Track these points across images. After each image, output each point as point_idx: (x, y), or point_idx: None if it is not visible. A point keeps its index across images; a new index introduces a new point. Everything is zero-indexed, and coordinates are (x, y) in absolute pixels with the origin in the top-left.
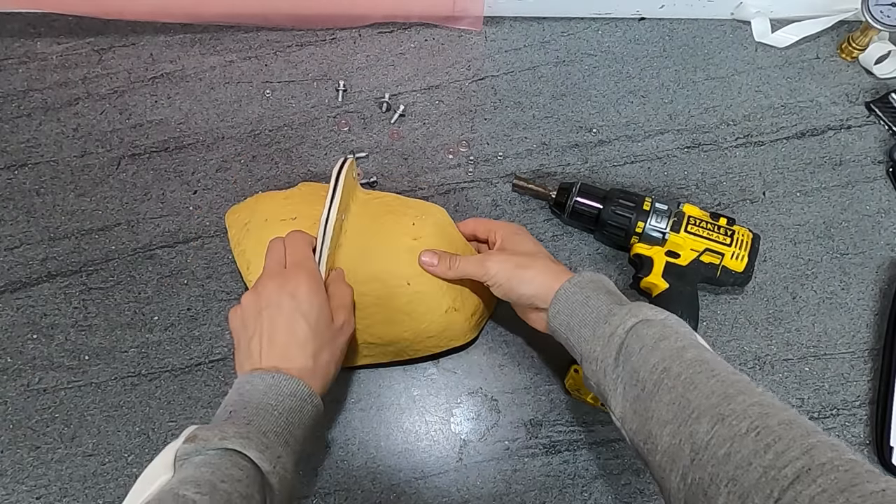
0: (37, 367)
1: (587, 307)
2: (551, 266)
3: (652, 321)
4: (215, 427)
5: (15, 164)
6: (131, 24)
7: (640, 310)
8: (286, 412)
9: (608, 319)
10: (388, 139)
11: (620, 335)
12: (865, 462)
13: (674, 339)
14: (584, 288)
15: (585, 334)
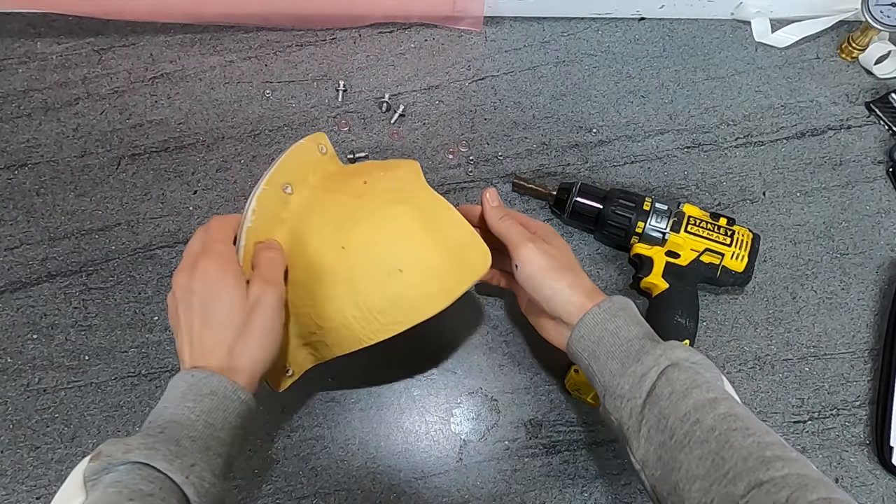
0: (37, 367)
1: (617, 338)
2: (587, 282)
3: (683, 365)
4: (121, 441)
5: (15, 164)
6: (131, 24)
7: (674, 351)
8: (205, 414)
9: (640, 357)
10: (388, 139)
11: (652, 377)
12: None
13: (705, 388)
14: (615, 316)
15: (613, 367)
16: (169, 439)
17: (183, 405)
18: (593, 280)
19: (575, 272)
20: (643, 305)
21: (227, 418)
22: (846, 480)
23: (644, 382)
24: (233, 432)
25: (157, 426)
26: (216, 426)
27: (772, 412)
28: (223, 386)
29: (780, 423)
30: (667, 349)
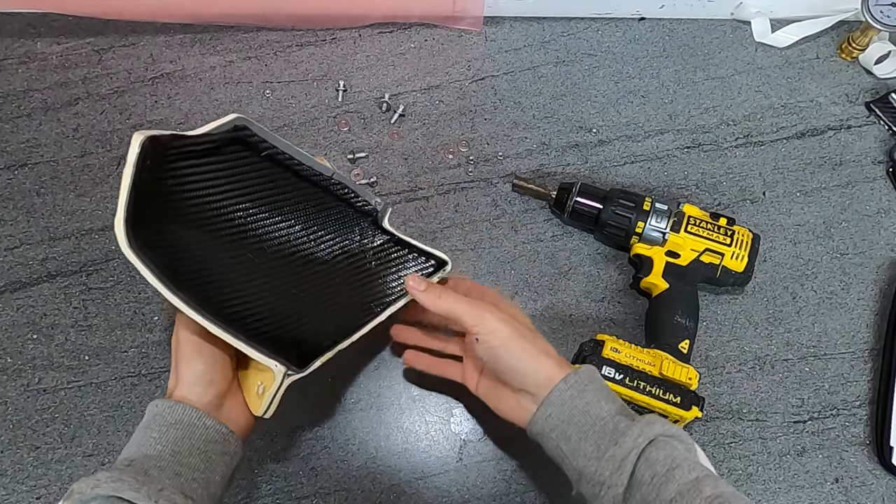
0: (37, 367)
1: (588, 416)
2: (551, 351)
3: (660, 442)
4: (91, 477)
5: (15, 164)
6: (131, 24)
7: (651, 427)
8: (171, 443)
9: (617, 439)
10: (388, 139)
11: (632, 461)
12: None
13: (686, 467)
14: (583, 392)
15: (587, 449)
16: (137, 471)
17: (149, 436)
18: (593, 282)
19: (538, 338)
20: (643, 305)
21: (195, 444)
22: (846, 480)
23: (625, 467)
24: (204, 457)
25: (126, 460)
26: (183, 453)
27: (772, 412)
28: (188, 414)
29: (780, 423)
30: (644, 427)
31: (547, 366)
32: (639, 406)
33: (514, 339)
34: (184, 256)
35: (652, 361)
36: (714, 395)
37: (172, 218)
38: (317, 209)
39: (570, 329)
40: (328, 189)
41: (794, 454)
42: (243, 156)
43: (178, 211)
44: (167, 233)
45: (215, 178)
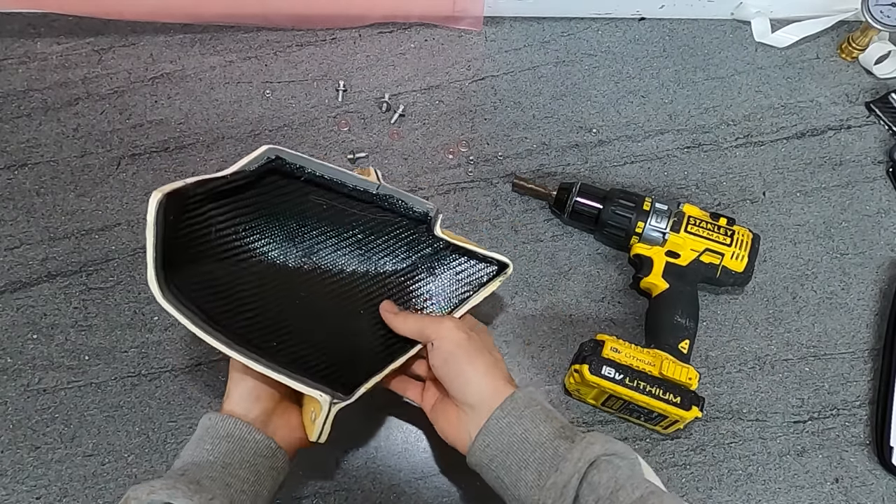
0: (37, 367)
1: (527, 443)
2: (503, 368)
3: (601, 464)
4: (146, 483)
5: (15, 164)
6: (131, 24)
7: (591, 448)
8: (222, 455)
9: (558, 465)
10: (388, 139)
11: (574, 486)
12: None
13: (629, 487)
14: (521, 418)
15: (528, 478)
16: (189, 479)
17: (202, 448)
18: (593, 282)
19: (493, 356)
20: (643, 305)
21: (245, 457)
22: (846, 480)
23: (567, 493)
24: (253, 469)
25: (179, 469)
26: (234, 465)
27: (772, 412)
28: (238, 428)
29: (780, 423)
30: (584, 449)
31: (491, 380)
32: (639, 406)
33: (466, 347)
34: (222, 295)
35: (652, 361)
36: (714, 395)
37: (206, 260)
38: (365, 225)
39: (570, 329)
40: (375, 203)
41: (794, 454)
42: (281, 185)
43: (210, 251)
44: (202, 275)
45: (249, 212)
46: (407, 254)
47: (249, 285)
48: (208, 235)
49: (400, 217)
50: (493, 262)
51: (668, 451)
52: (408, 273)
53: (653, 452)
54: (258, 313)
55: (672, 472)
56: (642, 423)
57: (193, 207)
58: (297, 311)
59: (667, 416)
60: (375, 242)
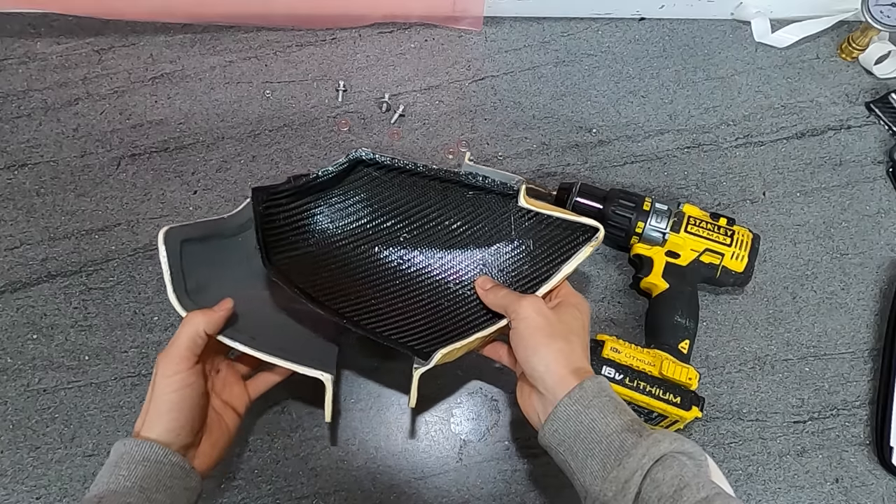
0: (37, 367)
1: (594, 433)
2: (577, 356)
3: (667, 461)
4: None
5: (15, 164)
6: (131, 24)
7: (658, 446)
8: (139, 480)
9: (621, 460)
10: (388, 139)
11: (636, 482)
12: None
13: (695, 486)
14: (589, 407)
15: (593, 467)
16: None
17: (117, 474)
18: (593, 282)
19: (569, 341)
20: (643, 305)
21: (162, 480)
22: (846, 480)
23: (628, 489)
24: (170, 493)
25: (95, 497)
26: (150, 489)
27: (772, 412)
28: (154, 452)
29: (780, 423)
30: (650, 446)
31: (559, 368)
32: (639, 406)
33: (539, 331)
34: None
35: (652, 361)
36: (714, 395)
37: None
38: (455, 204)
39: None
40: (461, 181)
41: (794, 454)
42: (373, 175)
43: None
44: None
45: (340, 201)
46: (496, 227)
47: (344, 266)
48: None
49: (487, 193)
50: (582, 227)
51: None
52: (499, 246)
53: None
54: (350, 292)
55: None
56: None
57: (283, 202)
58: (391, 290)
59: (667, 417)
60: (465, 219)
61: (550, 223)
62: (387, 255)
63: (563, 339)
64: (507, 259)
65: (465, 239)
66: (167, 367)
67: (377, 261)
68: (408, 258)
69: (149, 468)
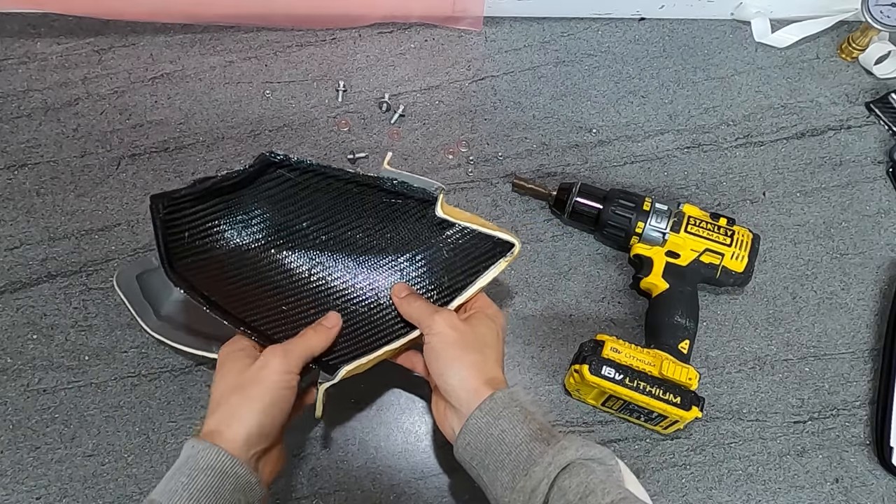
0: (37, 367)
1: (503, 444)
2: (492, 368)
3: (574, 469)
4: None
5: (15, 164)
6: (131, 24)
7: (564, 454)
8: (198, 491)
9: (528, 470)
10: (388, 139)
11: (543, 491)
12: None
13: (600, 492)
14: (498, 418)
15: (503, 479)
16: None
17: (177, 481)
18: (593, 282)
19: (482, 353)
20: (643, 305)
21: (222, 495)
22: (846, 480)
23: (535, 498)
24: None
25: (149, 502)
26: (207, 502)
27: (772, 412)
28: (221, 461)
29: (780, 423)
30: (556, 454)
31: (472, 381)
32: (639, 406)
33: (452, 346)
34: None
35: (652, 362)
36: (714, 395)
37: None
38: (373, 209)
39: (570, 329)
40: (380, 186)
41: (794, 454)
42: (287, 177)
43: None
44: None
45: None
46: (413, 234)
47: (251, 273)
48: (208, 230)
49: (407, 199)
50: (499, 241)
51: (668, 452)
52: (414, 253)
53: (653, 452)
54: (260, 300)
55: (672, 473)
56: (642, 424)
57: (187, 206)
58: (303, 298)
59: (667, 417)
60: (380, 224)
61: (467, 234)
62: (299, 261)
63: (476, 351)
64: (422, 267)
65: (381, 245)
66: (286, 364)
67: (288, 267)
68: (320, 264)
69: (211, 479)
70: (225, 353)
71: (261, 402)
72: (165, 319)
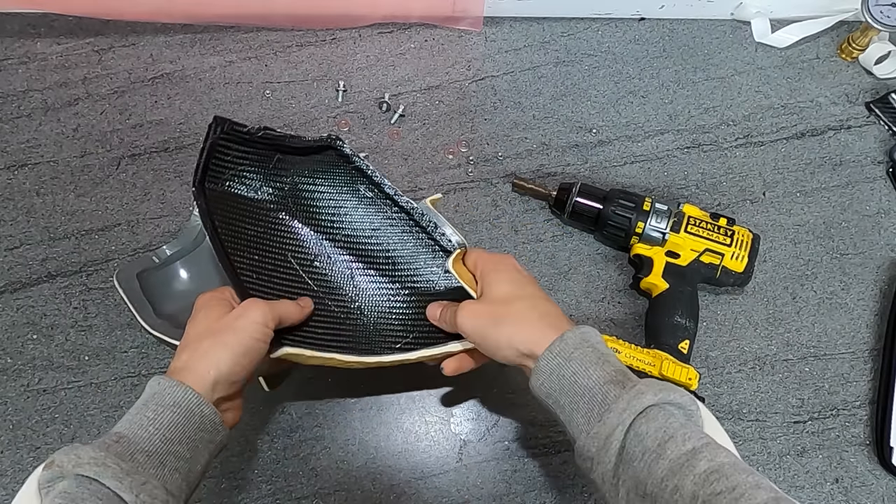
0: (37, 367)
1: (576, 386)
2: (531, 315)
3: (651, 413)
4: (73, 450)
5: (15, 164)
6: (131, 24)
7: (640, 399)
8: (163, 427)
9: (602, 415)
10: (388, 139)
11: (619, 437)
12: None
13: (680, 438)
14: (569, 360)
15: (578, 421)
16: (122, 453)
17: (143, 415)
18: (593, 282)
19: (518, 306)
20: (643, 305)
21: (186, 432)
22: (846, 480)
23: (611, 444)
24: (192, 446)
25: (115, 434)
26: (174, 440)
27: (772, 412)
28: (187, 399)
29: (780, 423)
30: (631, 399)
31: (530, 337)
32: None
33: (489, 332)
34: (241, 232)
35: (652, 362)
36: (714, 395)
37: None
38: (395, 227)
39: None
40: (411, 213)
41: (794, 454)
42: (336, 162)
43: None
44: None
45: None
46: (418, 270)
47: (261, 233)
48: (245, 172)
49: (427, 235)
50: None
51: None
52: (412, 287)
53: None
54: (257, 260)
55: None
56: None
57: (240, 142)
58: (295, 275)
59: None
60: (395, 247)
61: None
62: (308, 243)
63: (506, 317)
64: (413, 301)
65: (386, 263)
66: (263, 316)
67: (297, 244)
68: (326, 254)
69: (177, 415)
70: (204, 300)
71: (233, 348)
72: (165, 318)
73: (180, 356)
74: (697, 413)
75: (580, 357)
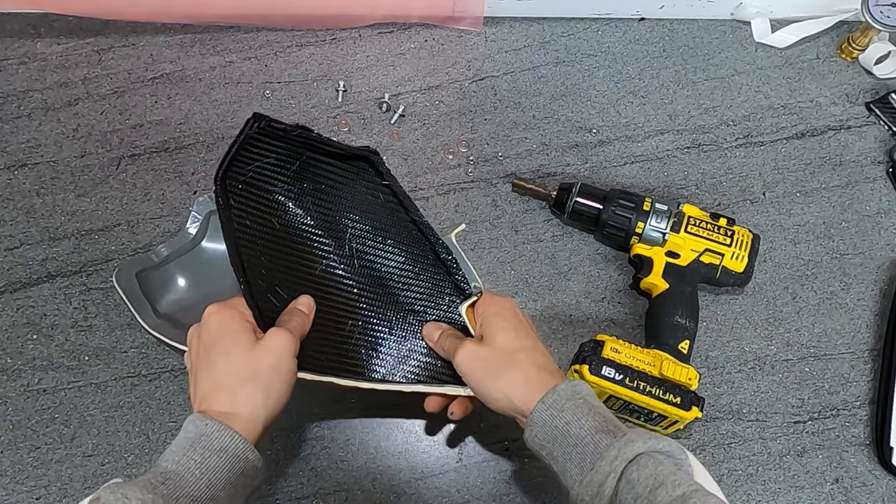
0: (37, 367)
1: (568, 437)
2: (529, 369)
3: (642, 461)
4: (120, 489)
5: (15, 164)
6: (131, 24)
7: (631, 446)
8: (210, 472)
9: (594, 463)
10: (388, 139)
11: (611, 484)
12: None
13: (670, 485)
14: (562, 411)
15: (571, 471)
16: (168, 496)
17: (190, 458)
18: (593, 282)
19: (518, 359)
20: (643, 305)
21: (231, 478)
22: (846, 480)
23: (604, 492)
24: (233, 491)
25: (160, 475)
26: (218, 486)
27: (772, 412)
28: (234, 444)
29: (780, 423)
30: (622, 447)
31: (523, 394)
32: (639, 406)
33: (486, 379)
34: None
35: (652, 362)
36: (714, 395)
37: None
38: (417, 254)
39: (570, 329)
40: (433, 245)
41: (794, 454)
42: (368, 175)
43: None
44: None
45: (325, 178)
46: (430, 301)
47: (277, 234)
48: (273, 169)
49: (445, 270)
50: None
51: None
52: (418, 318)
53: None
54: (269, 261)
55: None
56: (642, 424)
57: (273, 139)
58: (304, 282)
59: (667, 417)
60: (413, 274)
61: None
62: (323, 253)
63: (506, 369)
64: (419, 333)
65: (401, 288)
66: (294, 347)
67: (311, 251)
68: (345, 271)
69: (223, 461)
70: (220, 319)
71: (277, 392)
72: (165, 318)
73: (219, 397)
74: (686, 461)
75: (572, 408)
